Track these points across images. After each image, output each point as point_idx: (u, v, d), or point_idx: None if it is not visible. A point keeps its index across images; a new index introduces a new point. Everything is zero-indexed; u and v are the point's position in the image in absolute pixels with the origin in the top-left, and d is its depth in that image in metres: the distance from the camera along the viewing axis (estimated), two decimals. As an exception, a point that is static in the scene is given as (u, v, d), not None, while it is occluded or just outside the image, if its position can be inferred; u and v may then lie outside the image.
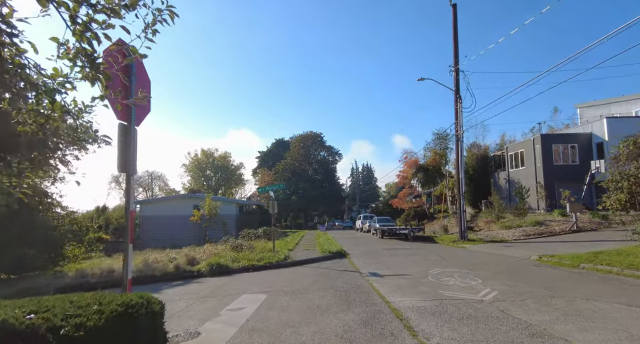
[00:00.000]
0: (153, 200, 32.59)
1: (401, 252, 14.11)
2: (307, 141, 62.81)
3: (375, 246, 17.59)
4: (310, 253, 13.73)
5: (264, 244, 17.67)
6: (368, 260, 12.08)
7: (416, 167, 33.39)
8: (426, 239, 21.54)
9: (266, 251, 13.29)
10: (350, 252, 14.87)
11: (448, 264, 10.20)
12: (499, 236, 18.33)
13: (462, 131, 18.01)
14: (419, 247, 16.55)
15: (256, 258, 11.73)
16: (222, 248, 14.43)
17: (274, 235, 12.46)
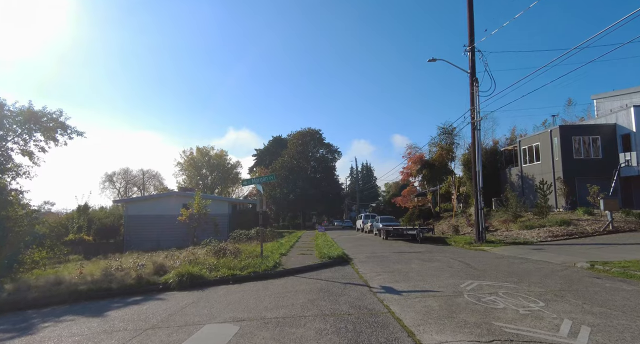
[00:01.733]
0: (139, 198, 30.39)
1: (414, 257, 11.97)
2: (305, 138, 60.56)
3: (381, 249, 15.46)
4: (306, 259, 11.58)
5: (254, 247, 15.52)
6: (376, 267, 9.94)
7: (421, 163, 31.27)
8: (436, 240, 19.41)
9: (254, 256, 11.13)
10: (353, 256, 12.74)
11: (480, 274, 8.07)
12: (521, 237, 16.22)
13: (479, 118, 15.88)
14: (431, 250, 14.42)
15: (240, 265, 9.58)
16: (203, 253, 12.30)
17: (263, 237, 10.27)
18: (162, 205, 29.30)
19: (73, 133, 17.06)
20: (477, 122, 15.93)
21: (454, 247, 15.82)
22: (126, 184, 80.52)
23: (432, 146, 34.36)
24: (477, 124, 15.97)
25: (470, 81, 16.31)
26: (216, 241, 12.81)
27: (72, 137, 17.11)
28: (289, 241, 18.86)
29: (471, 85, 16.25)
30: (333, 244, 16.31)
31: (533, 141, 25.94)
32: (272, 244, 16.77)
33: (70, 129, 16.96)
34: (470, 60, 16.35)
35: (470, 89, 16.28)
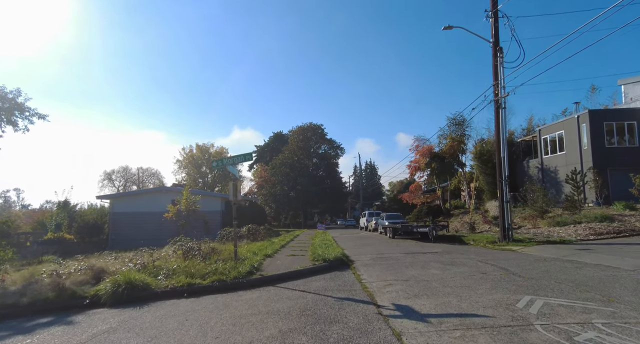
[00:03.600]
0: (126, 194, 28.29)
1: (431, 259, 9.58)
2: (306, 133, 58.15)
3: (389, 249, 13.08)
4: (296, 261, 9.22)
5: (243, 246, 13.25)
6: (385, 273, 7.58)
7: (430, 156, 28.76)
8: (451, 239, 16.97)
9: (231, 258, 8.80)
10: (355, 258, 10.38)
11: (534, 286, 5.67)
12: (554, 234, 13.75)
13: (504, 94, 13.41)
14: (449, 250, 12.02)
15: (205, 270, 7.26)
16: (170, 253, 10.01)
17: (236, 235, 7.93)
18: (150, 201, 27.09)
19: (33, 116, 14.87)
20: (501, 99, 13.47)
21: (475, 247, 13.40)
22: (125, 182, 78.86)
23: (442, 138, 31.87)
24: (501, 102, 13.51)
25: (493, 51, 13.85)
26: (187, 240, 10.51)
27: (32, 121, 14.91)
28: (282, 240, 16.54)
29: (494, 56, 13.80)
30: (332, 244, 13.95)
31: (556, 129, 23.35)
32: (262, 244, 14.47)
33: (30, 112, 14.77)
34: (492, 27, 13.90)
35: (494, 60, 13.83)
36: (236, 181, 8.03)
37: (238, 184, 8.00)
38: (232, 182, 7.97)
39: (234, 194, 7.91)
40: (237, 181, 8.02)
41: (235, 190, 7.92)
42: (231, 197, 7.95)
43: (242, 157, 8.13)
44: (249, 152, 8.11)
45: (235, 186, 7.94)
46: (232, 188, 7.91)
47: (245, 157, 8.14)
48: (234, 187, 7.93)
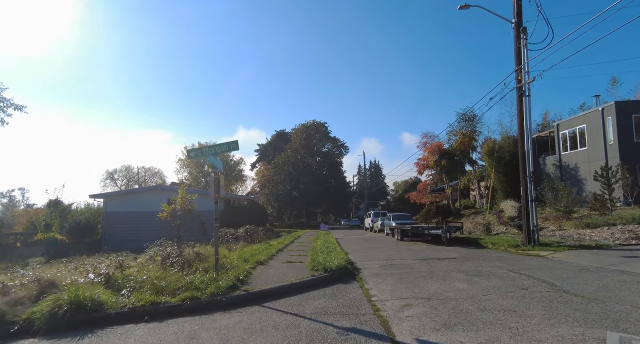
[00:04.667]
0: (120, 193, 27.08)
1: (451, 268, 8.13)
2: (310, 131, 56.72)
3: (399, 254, 11.63)
4: (292, 270, 7.82)
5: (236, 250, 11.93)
6: (399, 288, 6.15)
7: (440, 153, 27.23)
8: (466, 242, 15.49)
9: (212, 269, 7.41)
10: (361, 265, 8.97)
11: (610, 314, 4.21)
12: (586, 238, 12.23)
13: (529, 79, 11.88)
14: (468, 256, 10.55)
15: (178, 284, 5.89)
16: (149, 259, 8.69)
17: (217, 240, 6.52)
18: (146, 201, 25.85)
19: (9, 107, 13.64)
20: (526, 85, 11.95)
21: (496, 251, 11.92)
22: (128, 182, 78.15)
23: (451, 134, 30.33)
24: (525, 88, 11.99)
25: (515, 33, 12.34)
26: (168, 243, 9.19)
27: (8, 113, 13.68)
28: (281, 243, 15.16)
29: (517, 38, 12.29)
30: (335, 248, 12.53)
31: (577, 123, 21.71)
32: (258, 247, 13.10)
33: (6, 103, 13.54)
34: (515, 5, 12.40)
35: (516, 43, 12.32)
36: (218, 174, 6.64)
37: (221, 178, 6.62)
38: (213, 176, 6.59)
39: (215, 190, 6.52)
40: (219, 175, 6.63)
41: (218, 185, 6.54)
42: (212, 194, 6.56)
43: (226, 147, 6.74)
44: (234, 141, 6.74)
45: (217, 181, 6.56)
46: (213, 183, 6.53)
47: (230, 147, 6.76)
48: (215, 182, 6.55)
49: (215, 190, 6.54)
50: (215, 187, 6.54)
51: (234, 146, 6.74)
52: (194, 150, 6.64)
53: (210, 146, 6.75)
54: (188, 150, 7.07)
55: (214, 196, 6.57)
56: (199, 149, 6.59)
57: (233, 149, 6.77)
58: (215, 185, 6.54)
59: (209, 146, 6.60)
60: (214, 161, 6.62)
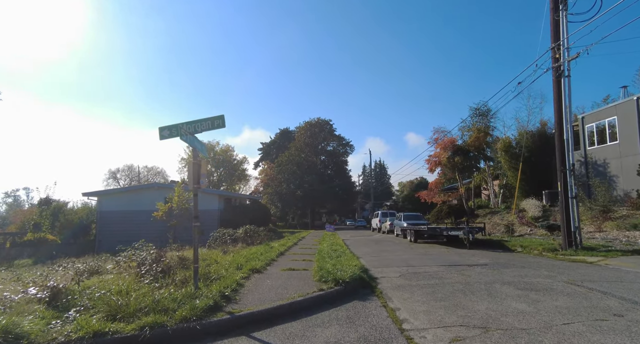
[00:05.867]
0: (114, 191, 25.80)
1: (490, 278, 6.57)
2: (314, 129, 55.16)
3: (419, 259, 10.05)
4: (292, 281, 6.30)
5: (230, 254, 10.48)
6: (437, 309, 4.60)
7: (453, 149, 25.53)
8: (489, 244, 13.88)
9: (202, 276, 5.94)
10: (377, 273, 7.45)
11: None
12: (637, 240, 10.57)
13: (569, 57, 10.25)
14: (501, 261, 8.97)
15: (141, 302, 4.39)
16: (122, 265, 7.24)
17: (196, 244, 5.00)
18: (141, 199, 24.52)
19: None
20: (565, 63, 10.32)
21: (530, 255, 10.33)
22: (130, 181, 77.36)
23: (465, 129, 28.66)
24: (564, 67, 10.37)
25: (552, 5, 10.73)
26: (148, 246, 7.75)
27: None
28: (283, 244, 13.65)
29: (554, 10, 10.67)
30: (344, 250, 10.99)
31: (605, 115, 19.94)
32: (257, 250, 11.59)
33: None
34: (551, -28, 10.79)
35: (553, 16, 10.70)
36: (199, 159, 5.14)
37: (203, 164, 5.13)
38: (191, 161, 5.10)
39: (193, 179, 5.03)
40: (200, 161, 5.13)
41: (197, 172, 5.05)
42: (190, 185, 5.08)
43: (209, 123, 5.25)
44: (219, 116, 5.24)
45: (197, 167, 5.07)
46: (191, 170, 5.04)
47: (213, 123, 5.26)
48: (194, 168, 5.06)
49: (193, 178, 5.05)
50: (193, 176, 5.06)
51: (219, 123, 5.24)
52: (167, 127, 5.15)
53: (188, 122, 5.25)
54: (160, 128, 5.53)
55: (193, 186, 5.08)
56: (173, 126, 5.06)
57: (218, 126, 5.27)
58: (194, 172, 5.05)
59: (187, 122, 5.04)
60: (192, 141, 5.11)
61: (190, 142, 5.11)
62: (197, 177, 5.07)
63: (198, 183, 5.11)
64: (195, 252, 5.10)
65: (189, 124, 5.29)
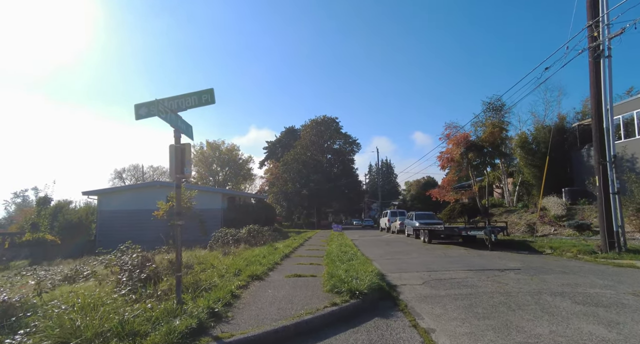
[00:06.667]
0: (114, 189, 25.11)
1: (533, 287, 5.50)
2: (320, 127, 54.09)
3: (437, 262, 8.98)
4: (298, 291, 5.29)
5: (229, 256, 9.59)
6: (485, 333, 3.56)
7: (466, 145, 24.30)
8: (512, 245, 12.75)
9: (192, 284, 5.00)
10: (396, 280, 6.44)
11: None
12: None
13: (610, 34, 9.07)
14: (534, 265, 7.87)
15: (109, 323, 3.42)
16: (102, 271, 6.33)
17: (179, 248, 4.03)
18: (142, 198, 23.75)
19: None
20: (604, 41, 9.16)
21: (564, 258, 9.20)
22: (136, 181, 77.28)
23: (478, 124, 27.37)
24: (604, 47, 9.20)
25: (587, -23, 9.57)
26: (135, 247, 6.83)
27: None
28: (288, 246, 12.66)
29: (590, -18, 9.51)
30: (355, 253, 9.96)
31: (635, 106, 18.61)
32: (260, 251, 10.63)
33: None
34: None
35: (589, -11, 9.54)
36: (182, 144, 4.16)
37: (187, 148, 4.15)
38: (173, 145, 4.13)
39: (176, 167, 4.06)
40: (184, 145, 4.16)
41: (181, 158, 4.07)
42: (171, 174, 4.10)
43: (195, 99, 4.25)
44: (207, 89, 4.26)
45: (180, 152, 4.09)
46: (173, 156, 4.07)
47: (200, 99, 4.26)
48: (176, 153, 4.08)
49: (175, 166, 4.07)
50: (176, 162, 4.08)
51: (207, 98, 4.26)
52: (145, 105, 4.18)
53: (170, 98, 4.28)
54: (137, 105, 4.61)
55: (175, 176, 4.11)
56: (152, 103, 4.07)
57: (206, 101, 4.28)
58: (177, 159, 4.08)
59: (169, 97, 4.02)
60: (174, 121, 4.14)
61: (172, 122, 4.13)
62: (180, 164, 4.09)
63: (182, 172, 4.13)
64: (178, 257, 4.12)
65: (171, 100, 4.31)
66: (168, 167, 4.15)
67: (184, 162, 4.14)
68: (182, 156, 4.12)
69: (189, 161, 4.16)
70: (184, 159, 4.14)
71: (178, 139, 4.19)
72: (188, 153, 4.19)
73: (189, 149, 4.18)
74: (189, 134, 4.49)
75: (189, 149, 4.20)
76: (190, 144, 4.24)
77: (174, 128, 4.18)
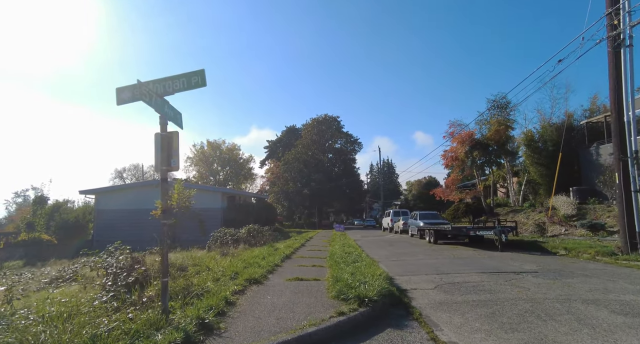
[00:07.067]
0: (112, 188, 24.70)
1: (559, 293, 4.99)
2: (321, 126, 53.56)
3: (447, 264, 8.47)
4: (300, 297, 4.78)
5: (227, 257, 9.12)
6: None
7: (471, 143, 23.76)
8: (522, 246, 12.23)
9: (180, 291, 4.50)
10: (405, 283, 5.95)
11: None
12: None
13: (630, 22, 8.54)
14: (553, 267, 7.36)
15: (78, 339, 2.92)
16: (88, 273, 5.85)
17: (166, 251, 3.54)
18: (140, 197, 23.25)
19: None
20: (626, 29, 8.63)
21: (579, 260, 8.70)
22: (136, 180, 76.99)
23: (482, 123, 26.83)
24: (625, 35, 8.68)
25: (606, -37, 9.04)
26: (123, 249, 6.35)
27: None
28: (289, 246, 12.16)
29: (609, -31, 8.98)
30: (360, 254, 9.45)
31: (645, 102, 18.04)
32: (259, 252, 10.13)
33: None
34: None
35: (607, -24, 9.01)
36: (169, 133, 3.67)
37: (174, 137, 3.66)
38: (158, 134, 3.63)
39: (162, 159, 3.57)
40: (171, 134, 3.67)
41: (168, 149, 3.58)
42: (157, 166, 3.61)
43: (183, 81, 3.72)
44: (197, 70, 3.76)
45: (167, 140, 3.60)
46: (159, 145, 3.57)
47: (189, 81, 3.75)
48: (162, 142, 3.59)
49: (162, 157, 3.58)
50: (162, 153, 3.59)
51: (197, 80, 3.75)
52: (129, 88, 3.69)
53: (156, 81, 3.78)
54: (119, 89, 4.21)
55: (161, 168, 3.61)
56: (136, 86, 3.56)
57: (196, 84, 3.78)
58: (163, 149, 3.59)
59: (155, 80, 3.49)
60: (161, 106, 3.64)
61: (158, 107, 3.64)
62: (166, 156, 3.59)
63: (168, 164, 3.64)
64: (165, 260, 3.63)
65: (156, 82, 3.82)
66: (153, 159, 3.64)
67: (171, 153, 3.65)
68: (169, 145, 3.63)
69: (176, 151, 3.67)
70: (171, 149, 3.65)
71: (164, 126, 3.69)
72: (176, 143, 3.70)
73: (176, 138, 3.69)
74: (178, 121, 4.00)
75: (177, 138, 3.71)
76: (177, 132, 3.75)
77: (160, 114, 3.68)
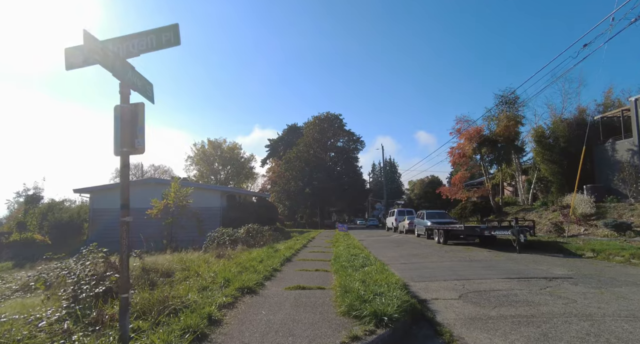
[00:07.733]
0: (107, 187, 23.86)
1: (629, 310, 4.13)
2: (323, 124, 52.70)
3: (465, 267, 7.60)
4: (301, 312, 3.93)
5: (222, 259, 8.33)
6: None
7: (479, 140, 22.83)
8: (541, 247, 11.36)
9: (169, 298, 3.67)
10: (423, 293, 5.11)
11: None
12: None
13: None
14: (587, 272, 6.50)
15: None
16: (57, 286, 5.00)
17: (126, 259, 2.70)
18: (137, 196, 21.88)
19: None
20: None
21: (611, 263, 7.84)
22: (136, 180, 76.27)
23: (490, 119, 25.88)
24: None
25: None
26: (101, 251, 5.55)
27: None
28: (290, 247, 11.32)
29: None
30: (368, 257, 8.59)
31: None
32: (258, 254, 9.31)
33: None
34: None
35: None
36: (132, 105, 2.84)
37: (140, 109, 2.82)
38: (118, 107, 2.80)
39: (123, 138, 2.73)
40: (135, 106, 2.84)
41: (131, 126, 2.74)
42: (116, 147, 2.78)
43: (152, 39, 2.85)
44: (169, 25, 2.91)
45: (130, 115, 2.77)
46: (120, 121, 2.74)
47: (159, 39, 2.89)
48: (122, 117, 2.75)
49: (122, 136, 2.75)
50: (123, 130, 2.75)
51: (169, 38, 2.91)
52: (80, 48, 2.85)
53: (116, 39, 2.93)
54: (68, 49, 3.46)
55: (121, 150, 2.77)
56: (90, 44, 2.68)
57: (167, 43, 2.94)
58: (124, 125, 2.74)
59: (115, 38, 2.58)
60: (123, 73, 2.80)
61: (120, 73, 2.80)
62: (128, 134, 2.76)
63: (131, 145, 2.80)
64: (124, 269, 2.78)
65: (118, 41, 2.98)
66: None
67: (135, 131, 2.82)
68: (132, 121, 2.79)
69: (141, 129, 2.83)
70: (135, 126, 2.82)
71: (126, 97, 2.85)
72: (141, 118, 2.86)
73: (142, 112, 2.86)
74: (147, 94, 3.15)
75: (143, 111, 2.87)
76: (143, 104, 2.91)
77: (121, 81, 2.83)
